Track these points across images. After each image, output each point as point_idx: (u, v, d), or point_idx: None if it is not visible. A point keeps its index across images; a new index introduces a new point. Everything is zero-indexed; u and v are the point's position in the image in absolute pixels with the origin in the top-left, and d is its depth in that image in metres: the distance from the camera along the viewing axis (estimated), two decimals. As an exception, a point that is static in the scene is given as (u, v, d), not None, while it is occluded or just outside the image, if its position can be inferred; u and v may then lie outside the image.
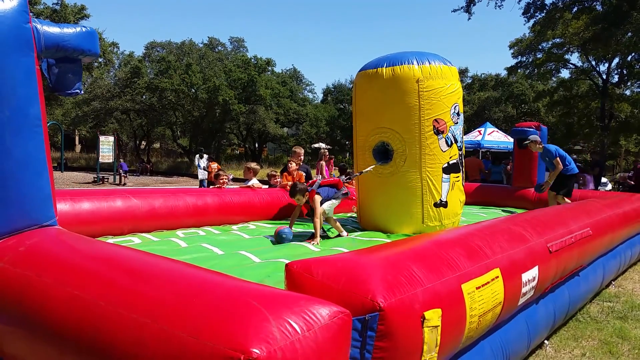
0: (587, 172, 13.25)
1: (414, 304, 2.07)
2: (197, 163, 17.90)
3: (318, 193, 5.26)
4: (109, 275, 2.04)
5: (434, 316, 2.10)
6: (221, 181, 7.37)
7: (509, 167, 14.52)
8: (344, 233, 5.55)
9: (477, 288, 2.53)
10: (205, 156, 18.19)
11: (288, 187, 7.57)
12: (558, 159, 7.99)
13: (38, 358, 2.08)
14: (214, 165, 16.83)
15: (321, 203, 5.27)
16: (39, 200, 2.85)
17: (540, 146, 8.27)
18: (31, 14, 2.95)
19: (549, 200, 8.21)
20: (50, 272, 2.20)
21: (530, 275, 3.27)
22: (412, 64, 5.51)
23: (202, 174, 17.16)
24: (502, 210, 8.65)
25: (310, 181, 5.76)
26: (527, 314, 3.57)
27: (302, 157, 8.41)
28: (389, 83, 5.56)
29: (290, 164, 7.88)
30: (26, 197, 2.77)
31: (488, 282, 2.65)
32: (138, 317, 1.71)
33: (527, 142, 8.40)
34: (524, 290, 3.17)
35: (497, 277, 2.79)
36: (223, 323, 1.55)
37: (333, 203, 5.42)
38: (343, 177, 6.33)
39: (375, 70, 5.68)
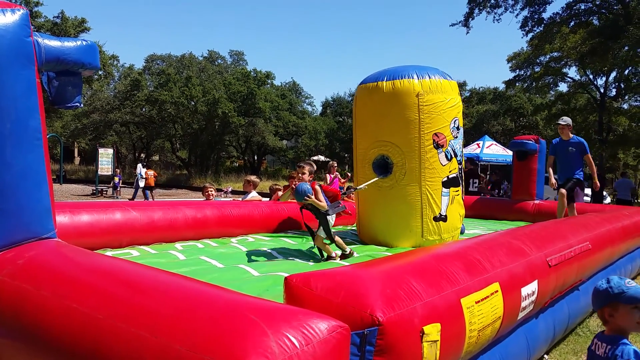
0: (579, 185, 13.24)
1: (413, 318, 2.06)
2: (138, 172, 20.16)
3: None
4: (108, 288, 2.03)
5: (433, 331, 2.10)
6: (207, 194, 7.37)
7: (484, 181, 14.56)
8: (333, 253, 4.92)
9: (477, 302, 2.53)
10: (139, 165, 20.57)
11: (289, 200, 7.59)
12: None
13: (35, 372, 2.07)
14: (150, 172, 19.87)
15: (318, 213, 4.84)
16: (39, 212, 2.85)
17: (571, 134, 7.55)
18: (32, 27, 2.97)
19: (559, 200, 7.40)
20: (49, 285, 2.20)
21: (530, 289, 3.26)
22: (412, 78, 5.55)
23: (142, 182, 19.70)
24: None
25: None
26: (526, 328, 3.55)
27: (307, 174, 8.41)
28: (389, 97, 5.59)
29: (294, 182, 7.89)
30: (25, 210, 2.77)
31: (487, 297, 2.65)
32: (136, 330, 1.70)
33: (561, 123, 7.52)
34: (523, 304, 3.16)
35: (497, 291, 2.78)
36: (221, 337, 1.54)
37: (331, 218, 5.00)
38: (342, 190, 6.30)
39: (376, 83, 5.71)
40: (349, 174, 10.84)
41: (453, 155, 5.77)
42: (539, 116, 34.98)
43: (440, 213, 5.66)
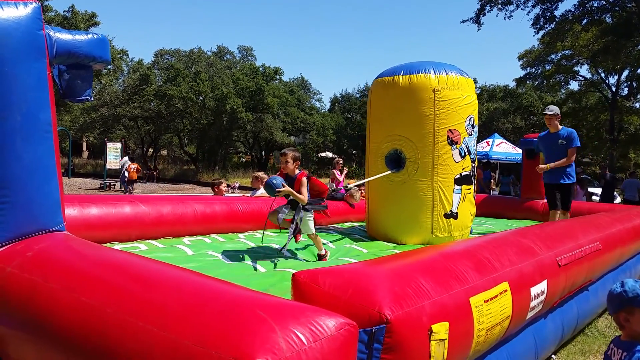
0: (580, 183, 13.11)
1: (422, 316, 2.05)
2: (124, 165, 21.28)
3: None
4: (116, 282, 2.04)
5: (441, 329, 2.08)
6: (216, 190, 7.44)
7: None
8: (323, 251, 4.74)
9: (486, 302, 2.51)
10: (126, 158, 21.59)
11: None
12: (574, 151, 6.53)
13: (43, 364, 2.08)
14: (134, 166, 20.69)
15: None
16: (48, 205, 2.86)
17: (559, 125, 6.72)
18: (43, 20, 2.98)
19: (550, 218, 6.70)
20: (58, 278, 2.21)
21: (539, 289, 3.24)
22: (429, 73, 5.54)
23: (126, 174, 20.85)
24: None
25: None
26: (534, 328, 3.53)
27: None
28: (405, 91, 5.58)
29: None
30: (35, 202, 2.78)
31: (496, 296, 2.63)
32: (145, 324, 1.71)
33: (547, 112, 6.68)
34: (532, 304, 3.14)
35: (506, 290, 2.76)
36: (229, 332, 1.54)
37: (309, 220, 4.61)
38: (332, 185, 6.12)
39: (392, 78, 5.71)
40: (345, 169, 10.89)
41: (467, 153, 5.75)
42: (549, 115, 34.70)
43: (451, 210, 5.64)
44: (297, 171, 4.46)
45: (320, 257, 4.72)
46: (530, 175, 9.59)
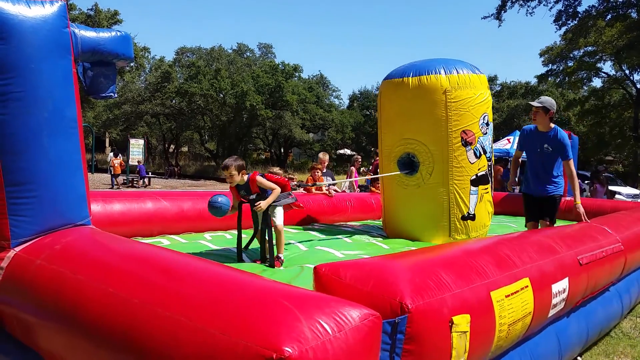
0: (599, 182, 12.84)
1: (442, 308, 2.06)
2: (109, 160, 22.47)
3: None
4: (143, 273, 2.08)
5: (462, 321, 2.09)
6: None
7: None
8: (281, 256, 4.34)
9: (507, 296, 2.50)
10: (111, 153, 22.63)
11: (312, 192, 7.62)
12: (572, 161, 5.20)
13: (73, 353, 2.13)
14: (117, 161, 21.09)
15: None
16: (74, 199, 2.92)
17: (551, 124, 5.17)
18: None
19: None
20: (85, 270, 2.26)
21: (561, 286, 3.21)
22: (439, 73, 5.38)
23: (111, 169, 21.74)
24: None
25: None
26: (558, 328, 3.50)
27: (327, 163, 8.46)
28: (415, 93, 5.44)
29: (316, 172, 7.92)
30: (61, 197, 2.84)
31: (517, 291, 2.62)
32: (172, 314, 1.74)
33: (534, 104, 5.15)
34: (554, 301, 3.11)
35: (527, 286, 2.75)
36: (255, 322, 1.57)
37: (279, 210, 4.36)
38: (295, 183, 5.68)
39: (401, 79, 5.57)
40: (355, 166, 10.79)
41: (482, 152, 5.60)
42: (572, 112, 34.21)
43: (468, 212, 5.53)
44: (245, 177, 4.15)
45: (275, 259, 4.22)
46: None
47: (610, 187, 14.16)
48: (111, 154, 22.78)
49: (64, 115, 2.86)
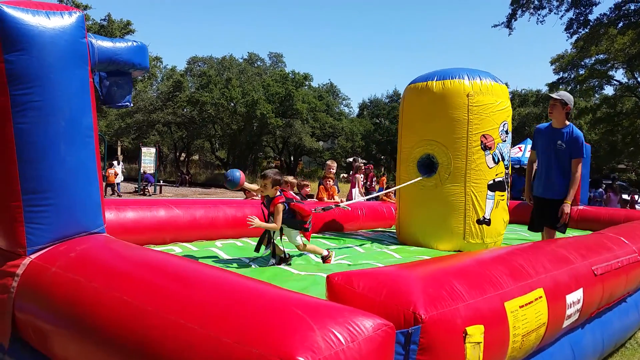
0: (613, 190, 12.70)
1: (456, 318, 2.05)
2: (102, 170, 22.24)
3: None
4: (157, 281, 2.10)
5: (476, 332, 2.08)
6: (247, 194, 7.59)
7: None
8: (325, 252, 4.69)
9: (521, 307, 2.49)
10: (115, 162, 22.87)
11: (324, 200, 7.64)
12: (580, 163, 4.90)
13: (87, 360, 2.15)
14: (111, 171, 21.19)
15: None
16: (89, 207, 2.95)
17: (567, 121, 4.98)
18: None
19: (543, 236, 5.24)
20: (100, 277, 2.28)
21: (575, 297, 3.18)
22: (463, 79, 5.55)
23: (119, 178, 22.16)
24: None
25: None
26: (572, 339, 3.46)
27: (333, 170, 8.49)
28: (438, 96, 5.58)
29: (328, 181, 7.94)
30: (77, 205, 2.86)
31: (531, 302, 2.60)
32: (185, 322, 1.75)
33: (554, 96, 4.98)
34: (568, 312, 3.08)
35: (541, 297, 2.73)
36: (268, 331, 1.57)
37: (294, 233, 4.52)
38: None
39: (425, 83, 5.73)
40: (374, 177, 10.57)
41: (500, 159, 5.69)
42: (583, 120, 33.97)
43: (484, 216, 5.57)
44: (277, 192, 4.34)
45: (325, 259, 4.65)
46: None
47: (624, 196, 14.03)
48: (115, 163, 23.00)
49: (80, 124, 2.89)
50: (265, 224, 4.30)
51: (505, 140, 5.76)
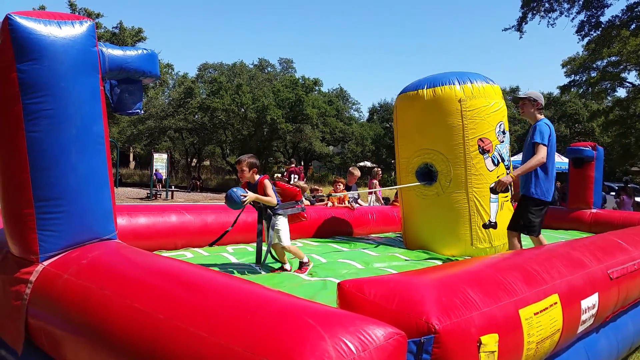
0: (627, 193, 12.52)
1: (470, 327, 2.02)
2: None
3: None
4: (167, 288, 2.09)
5: (490, 341, 2.05)
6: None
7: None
8: (287, 265, 4.53)
9: (535, 314, 2.45)
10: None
11: (336, 205, 7.61)
12: (546, 149, 4.61)
13: (98, 367, 2.15)
14: None
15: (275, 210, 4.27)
16: (101, 214, 2.96)
17: (540, 114, 4.84)
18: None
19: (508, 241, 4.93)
20: (111, 284, 2.28)
21: (590, 302, 3.13)
22: (454, 84, 5.47)
23: None
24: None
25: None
26: (587, 343, 3.41)
27: (356, 177, 8.39)
28: (430, 104, 5.52)
29: (338, 185, 7.90)
30: (89, 212, 2.88)
31: (546, 308, 2.56)
32: (195, 330, 1.75)
33: (518, 95, 4.99)
34: (583, 317, 3.04)
35: (556, 303, 2.69)
36: (279, 339, 1.56)
37: (283, 223, 4.36)
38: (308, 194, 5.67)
39: (416, 92, 5.66)
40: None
41: (500, 160, 5.64)
42: (595, 122, 33.68)
43: (489, 220, 5.53)
44: (256, 177, 4.28)
45: (302, 265, 4.46)
46: (577, 185, 9.31)
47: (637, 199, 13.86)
48: None
49: (91, 132, 2.91)
50: (262, 197, 4.16)
51: (503, 141, 5.70)
